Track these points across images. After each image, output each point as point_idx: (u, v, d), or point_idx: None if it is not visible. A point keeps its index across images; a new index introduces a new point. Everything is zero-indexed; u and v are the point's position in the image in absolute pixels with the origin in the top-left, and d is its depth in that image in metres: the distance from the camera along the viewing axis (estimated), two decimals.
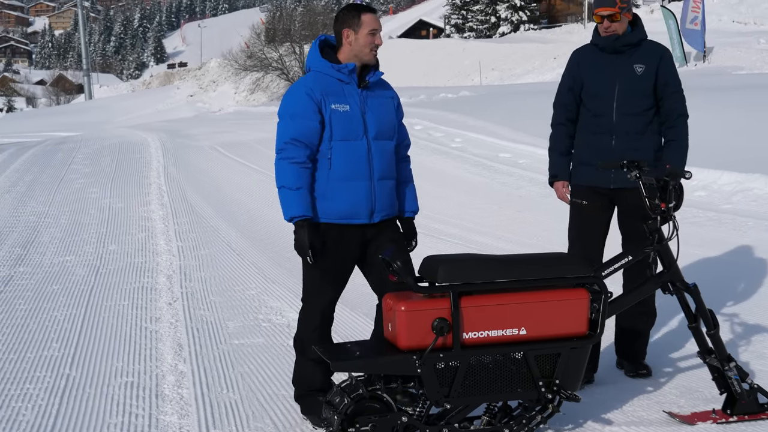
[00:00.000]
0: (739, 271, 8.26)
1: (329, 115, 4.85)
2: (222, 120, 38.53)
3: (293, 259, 9.76)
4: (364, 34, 4.92)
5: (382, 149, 4.97)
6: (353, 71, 4.93)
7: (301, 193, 4.81)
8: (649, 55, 5.63)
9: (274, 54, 73.96)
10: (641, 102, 5.59)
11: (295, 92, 4.95)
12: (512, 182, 14.04)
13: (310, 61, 5.04)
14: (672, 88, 5.64)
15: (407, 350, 4.23)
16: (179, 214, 13.22)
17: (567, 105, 5.84)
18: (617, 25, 5.58)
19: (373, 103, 4.99)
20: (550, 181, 5.96)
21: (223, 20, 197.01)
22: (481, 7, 75.24)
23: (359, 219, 4.93)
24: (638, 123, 5.58)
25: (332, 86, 4.91)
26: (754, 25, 51.55)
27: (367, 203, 4.92)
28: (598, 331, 4.51)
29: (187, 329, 7.23)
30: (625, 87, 5.58)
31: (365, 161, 4.91)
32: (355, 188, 4.89)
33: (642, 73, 5.58)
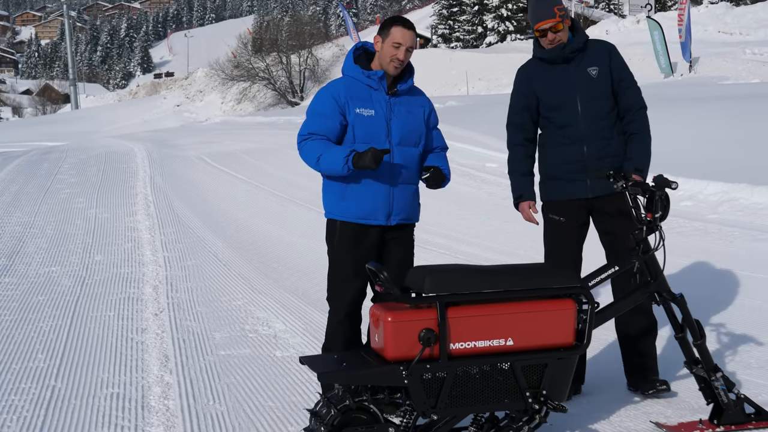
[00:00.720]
0: (726, 280, 8.28)
1: (353, 118, 5.01)
2: (209, 130, 38.47)
3: (280, 269, 9.79)
4: (389, 45, 5.05)
5: (404, 155, 5.11)
6: (382, 78, 5.07)
7: (335, 147, 4.98)
8: (598, 56, 5.53)
9: (260, 64, 73.99)
10: (604, 104, 5.49)
11: (322, 93, 5.15)
12: (499, 192, 14.04)
13: (344, 66, 5.24)
14: (626, 83, 5.55)
15: (394, 361, 4.23)
16: (166, 224, 13.19)
17: (523, 125, 5.74)
18: (561, 34, 5.48)
19: (399, 110, 5.12)
20: (515, 203, 5.82)
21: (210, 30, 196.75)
22: (467, 18, 75.44)
23: (376, 220, 5.07)
24: (605, 126, 5.48)
25: (360, 91, 5.08)
26: (739, 35, 51.76)
27: (384, 206, 5.06)
28: (584, 342, 4.51)
29: (174, 340, 7.21)
30: (585, 93, 5.48)
31: (386, 165, 5.02)
32: (373, 190, 5.03)
33: (597, 75, 5.49)
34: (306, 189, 16.19)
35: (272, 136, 28.62)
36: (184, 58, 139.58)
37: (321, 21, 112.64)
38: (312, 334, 7.22)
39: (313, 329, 7.35)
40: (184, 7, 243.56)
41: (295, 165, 20.37)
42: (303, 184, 16.85)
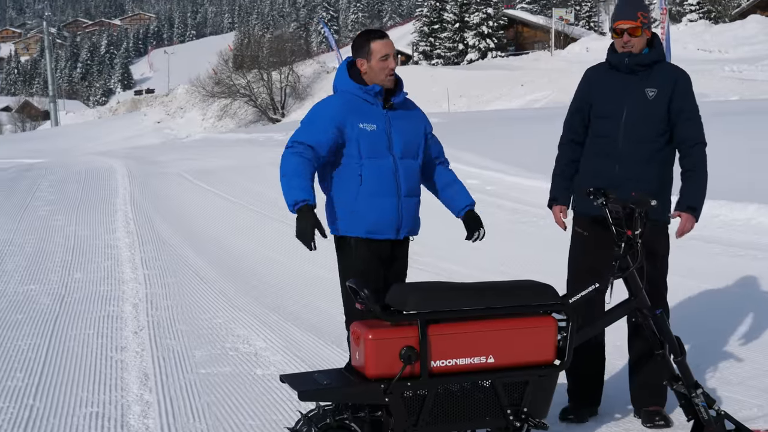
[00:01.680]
0: (706, 297, 8.31)
1: (357, 134, 4.96)
2: (189, 147, 38.43)
3: (260, 286, 9.76)
4: (376, 61, 5.03)
5: (407, 167, 5.10)
6: (379, 93, 5.05)
7: (304, 181, 4.88)
8: (663, 79, 5.32)
9: (241, 80, 74.06)
10: (651, 128, 5.29)
11: (320, 106, 5.10)
12: (480, 209, 13.91)
13: (337, 81, 5.17)
14: (687, 114, 5.31)
15: (375, 379, 4.21)
16: (146, 241, 13.15)
17: (573, 126, 5.60)
18: (636, 40, 5.29)
19: (398, 123, 5.11)
20: (548, 203, 5.69)
21: (191, 47, 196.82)
22: (449, 35, 75.79)
23: (386, 234, 5.04)
24: (645, 150, 5.29)
25: (359, 107, 5.03)
26: (718, 53, 52.22)
27: (394, 219, 5.04)
28: (565, 359, 4.51)
29: (153, 358, 7.17)
30: (634, 111, 5.29)
31: (392, 178, 5.02)
32: (383, 204, 5.00)
33: (654, 97, 5.27)
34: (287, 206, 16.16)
35: (253, 153, 28.61)
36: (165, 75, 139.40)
37: (302, 38, 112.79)
38: (293, 351, 7.20)
39: (293, 347, 7.34)
40: (164, 24, 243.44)
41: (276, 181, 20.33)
42: (283, 201, 16.82)
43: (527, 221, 12.70)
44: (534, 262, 9.91)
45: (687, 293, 8.31)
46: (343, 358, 6.69)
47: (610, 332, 5.40)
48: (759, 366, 6.32)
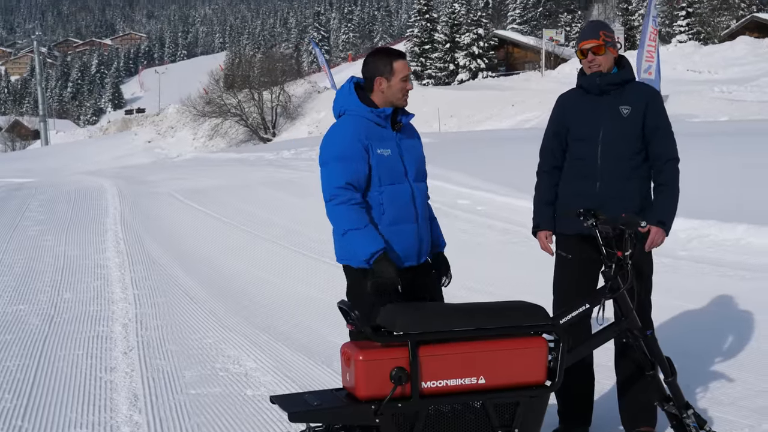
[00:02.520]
0: (696, 317, 8.32)
1: (377, 160, 4.83)
2: (180, 166, 38.37)
3: (251, 307, 9.74)
4: (398, 81, 4.93)
5: (421, 191, 5.04)
6: (389, 116, 4.95)
7: (371, 230, 4.74)
8: (636, 97, 5.38)
9: (232, 100, 74.08)
10: (628, 146, 5.33)
11: (341, 134, 4.88)
12: (471, 229, 14.08)
13: (346, 103, 4.99)
14: (661, 131, 5.36)
15: (365, 400, 4.20)
16: (135, 261, 13.12)
17: (552, 151, 5.60)
18: (602, 59, 5.36)
19: (406, 145, 5.02)
20: (533, 231, 5.69)
21: (182, 66, 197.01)
22: (439, 55, 75.95)
23: (409, 261, 4.94)
24: (624, 168, 5.33)
25: (374, 131, 4.89)
26: (708, 73, 52.42)
27: (415, 245, 4.94)
28: (556, 380, 4.51)
29: (143, 379, 7.15)
30: (611, 130, 5.33)
31: (410, 204, 4.93)
32: (405, 232, 4.89)
33: (628, 114, 5.32)
34: (278, 226, 16.17)
35: (244, 173, 28.58)
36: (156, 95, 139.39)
37: (293, 58, 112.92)
38: (283, 372, 7.19)
39: (284, 368, 7.32)
40: (155, 44, 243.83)
41: (267, 201, 20.40)
42: (275, 221, 16.83)
43: (518, 241, 12.71)
44: (525, 283, 9.90)
45: (676, 313, 8.32)
46: (334, 379, 6.69)
47: (599, 353, 5.40)
48: (750, 386, 6.32)
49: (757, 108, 36.29)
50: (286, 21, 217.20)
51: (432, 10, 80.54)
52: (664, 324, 7.72)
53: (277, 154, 36.37)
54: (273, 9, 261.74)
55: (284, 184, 23.24)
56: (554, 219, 5.58)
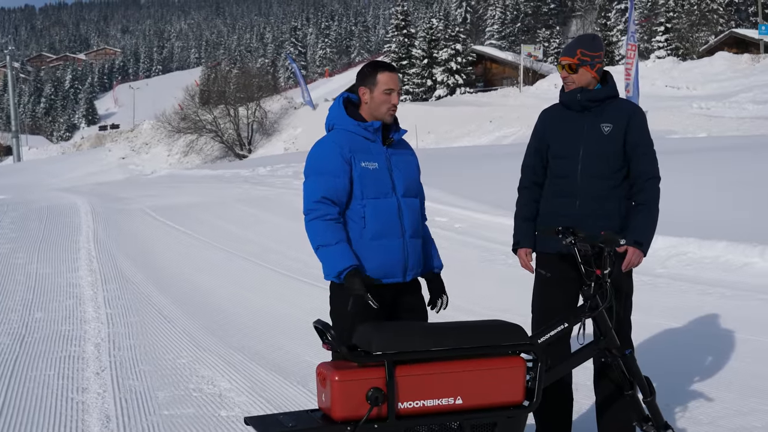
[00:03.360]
0: (674, 336, 8.34)
1: (360, 173, 4.82)
2: (154, 183, 38.27)
3: (225, 326, 9.70)
4: (380, 93, 4.91)
5: (410, 207, 4.98)
6: (378, 129, 4.93)
7: (343, 246, 4.73)
8: (617, 114, 5.35)
9: (208, 116, 74.04)
10: (608, 164, 5.31)
11: (324, 149, 4.89)
12: (449, 246, 14.07)
13: (334, 118, 5.01)
14: (642, 149, 5.33)
15: (341, 421, 4.18)
16: (109, 279, 13.05)
17: (533, 167, 5.58)
18: (575, 77, 5.36)
19: (397, 160, 5.00)
20: (513, 248, 5.66)
21: (157, 82, 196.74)
22: (417, 70, 76.24)
23: (394, 278, 4.89)
24: (604, 186, 5.32)
25: (359, 144, 4.89)
26: (686, 89, 52.84)
27: (401, 261, 4.90)
28: (534, 400, 4.50)
29: (115, 399, 7.10)
30: (591, 148, 5.32)
31: (396, 219, 4.89)
32: (389, 246, 4.85)
33: (609, 132, 5.30)
34: (253, 243, 16.14)
35: (219, 189, 28.53)
36: (130, 110, 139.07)
37: (269, 73, 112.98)
38: (258, 392, 7.15)
39: (259, 388, 7.29)
40: (130, 59, 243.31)
41: (242, 218, 20.36)
42: (250, 238, 16.80)
43: (496, 259, 12.73)
44: (504, 302, 9.92)
45: (655, 331, 8.34)
46: (310, 400, 6.66)
47: (578, 372, 5.40)
48: (729, 405, 6.34)
49: (736, 124, 36.56)
50: (263, 36, 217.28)
51: (410, 25, 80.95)
52: (644, 343, 7.74)
53: (252, 171, 36.34)
54: (249, 24, 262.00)
55: (260, 201, 23.21)
56: (535, 236, 5.58)
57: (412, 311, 5.04)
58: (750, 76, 51.79)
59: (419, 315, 5.08)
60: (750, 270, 10.83)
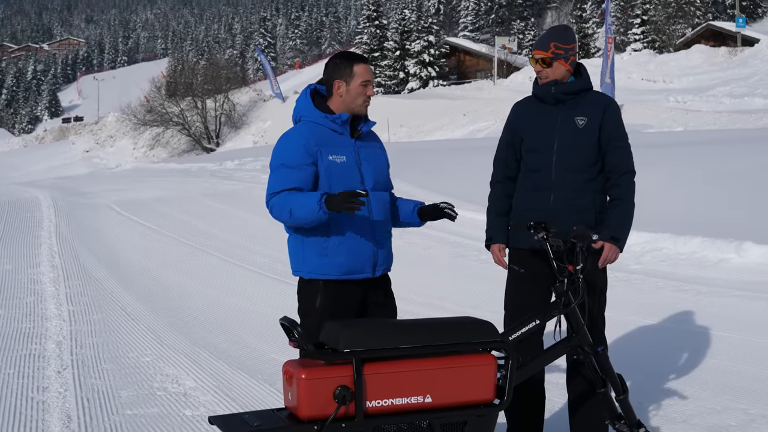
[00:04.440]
0: (649, 333, 8.39)
1: (327, 166, 4.79)
2: (119, 177, 38.13)
3: (191, 323, 9.67)
4: (357, 86, 4.89)
5: (379, 200, 4.96)
6: (346, 122, 4.90)
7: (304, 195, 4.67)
8: (592, 107, 5.35)
9: (174, 108, 73.80)
10: (582, 157, 5.31)
11: (289, 142, 4.86)
12: (421, 242, 14.10)
13: (300, 110, 4.98)
14: (616, 142, 5.33)
15: (308, 420, 4.17)
16: (71, 276, 12.98)
17: (506, 161, 5.56)
18: (549, 71, 5.37)
19: (366, 153, 4.97)
20: (486, 244, 5.63)
21: (122, 73, 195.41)
22: (389, 62, 76.19)
23: (363, 273, 4.88)
24: (579, 180, 5.32)
25: (327, 137, 4.85)
26: (663, 82, 53.14)
27: (370, 256, 4.88)
28: (505, 398, 4.50)
29: (77, 399, 7.06)
30: (565, 141, 5.32)
31: (365, 213, 4.87)
32: (357, 241, 4.83)
33: (584, 126, 5.30)
34: (220, 239, 16.10)
35: (185, 184, 28.45)
36: (95, 102, 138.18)
37: (238, 65, 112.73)
38: (224, 391, 7.13)
39: (224, 386, 7.27)
40: (94, 50, 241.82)
41: (209, 213, 20.31)
42: (217, 234, 16.76)
43: (468, 255, 12.77)
44: (476, 298, 9.95)
45: (629, 328, 8.39)
46: (277, 398, 6.65)
47: (550, 370, 5.42)
48: (703, 404, 6.38)
49: (712, 118, 36.82)
50: (231, 26, 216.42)
51: (382, 16, 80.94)
52: (618, 340, 7.78)
53: (220, 165, 36.26)
54: (217, 14, 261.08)
55: (227, 196, 23.16)
56: (508, 232, 5.58)
57: (382, 307, 5.04)
58: (727, 70, 52.15)
59: (389, 311, 5.08)
60: (726, 266, 10.92)
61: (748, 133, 27.39)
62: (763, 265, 10.75)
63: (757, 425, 5.94)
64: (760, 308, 9.14)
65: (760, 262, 10.83)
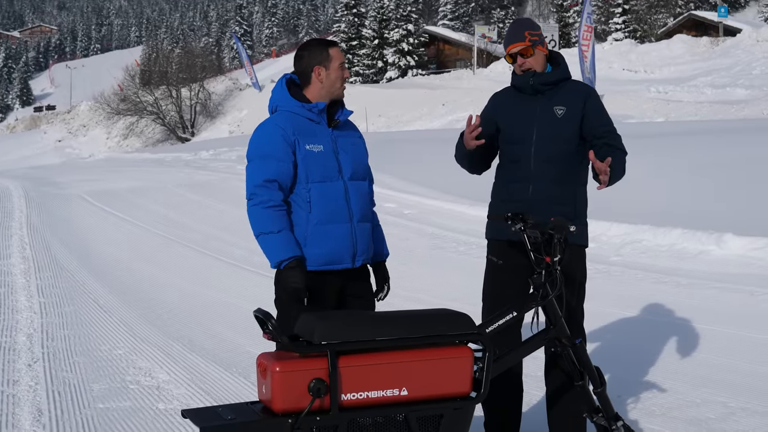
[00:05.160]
0: (629, 325, 8.43)
1: (303, 155, 4.80)
2: (92, 167, 37.96)
3: (164, 316, 9.65)
4: (335, 69, 4.93)
5: (358, 190, 4.97)
6: (323, 110, 4.91)
7: (285, 235, 4.73)
8: (571, 97, 5.35)
9: (149, 97, 73.53)
10: (562, 147, 5.30)
11: (266, 132, 4.87)
12: (398, 233, 14.09)
13: (277, 100, 4.99)
14: (603, 128, 5.28)
15: (282, 413, 4.17)
16: (42, 267, 12.93)
17: None
18: (532, 60, 5.37)
19: (344, 142, 4.98)
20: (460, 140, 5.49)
21: (95, 61, 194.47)
22: (367, 51, 76.12)
23: (342, 264, 4.89)
24: (558, 171, 5.31)
25: (304, 126, 4.86)
26: (644, 72, 53.29)
27: (349, 246, 4.89)
28: (482, 391, 4.51)
29: (48, 392, 7.04)
30: (544, 131, 5.30)
31: (344, 203, 4.88)
32: (336, 231, 4.84)
33: (563, 115, 5.29)
34: (195, 230, 16.06)
35: (160, 174, 28.36)
36: (67, 91, 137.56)
37: (213, 53, 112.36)
38: (197, 384, 7.13)
39: (198, 380, 7.26)
40: (67, 37, 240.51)
41: (183, 204, 20.26)
42: (191, 225, 16.72)
43: (446, 246, 12.78)
44: (454, 290, 9.96)
45: (609, 320, 8.42)
46: (251, 392, 6.65)
47: (528, 362, 5.44)
48: (682, 396, 6.42)
49: (694, 109, 36.95)
50: (207, 14, 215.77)
51: (360, 4, 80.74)
52: (597, 332, 7.81)
53: (195, 155, 36.16)
54: (192, 1, 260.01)
55: (202, 187, 23.11)
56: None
57: (361, 299, 5.05)
58: (709, 60, 52.33)
59: (367, 303, 5.09)
60: (706, 258, 10.98)
61: (730, 123, 27.52)
62: (743, 257, 10.82)
63: (736, 418, 5.98)
64: (740, 300, 9.20)
65: (741, 254, 10.90)
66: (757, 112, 33.93)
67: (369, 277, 5.14)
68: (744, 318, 8.52)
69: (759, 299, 9.21)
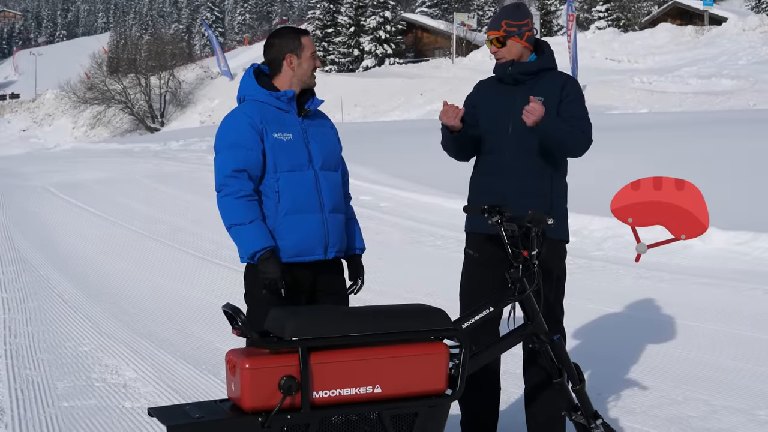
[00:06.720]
0: (610, 321, 8.46)
1: (272, 144, 4.81)
2: (58, 158, 37.81)
3: (132, 311, 9.63)
4: (307, 57, 4.94)
5: (329, 180, 4.97)
6: (293, 99, 4.92)
7: (257, 225, 4.74)
8: (550, 86, 5.37)
9: (117, 86, 73.26)
10: (539, 139, 5.28)
11: (234, 121, 4.88)
12: (373, 227, 14.11)
13: (245, 89, 5.00)
14: (578, 118, 5.31)
15: (252, 412, 4.17)
16: (5, 261, 12.89)
17: None
18: (504, 50, 5.39)
19: (315, 131, 4.99)
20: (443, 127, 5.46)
21: (61, 48, 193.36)
22: (343, 39, 75.99)
23: (314, 255, 4.89)
24: (535, 163, 5.34)
25: (272, 115, 4.88)
26: (627, 62, 53.47)
27: (321, 237, 4.89)
28: (458, 388, 4.52)
29: (10, 390, 7.02)
30: (521, 123, 5.23)
31: (314, 193, 4.88)
32: (306, 222, 4.84)
33: None
34: (163, 223, 16.03)
35: (128, 165, 28.28)
36: (32, 79, 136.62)
37: (184, 40, 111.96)
38: (165, 382, 7.12)
39: (166, 377, 7.25)
40: (31, 23, 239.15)
41: (152, 196, 20.22)
42: (160, 218, 16.68)
43: (423, 240, 12.79)
44: (431, 284, 9.98)
45: (589, 317, 8.46)
46: (221, 389, 6.65)
47: (506, 359, 5.46)
48: (663, 394, 6.46)
49: (678, 100, 37.13)
50: (176, 0, 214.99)
51: None
52: (577, 328, 7.85)
53: (164, 145, 36.09)
54: None
55: (171, 178, 23.06)
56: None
57: (334, 294, 5.06)
58: (694, 49, 52.60)
59: (340, 298, 5.09)
60: (689, 253, 11.04)
61: (715, 115, 27.65)
62: (726, 252, 10.89)
63: (718, 416, 6.02)
64: (723, 296, 9.26)
65: (724, 249, 10.97)
66: (743, 103, 34.13)
67: (342, 270, 5.15)
68: (727, 314, 8.58)
69: (743, 295, 9.28)
